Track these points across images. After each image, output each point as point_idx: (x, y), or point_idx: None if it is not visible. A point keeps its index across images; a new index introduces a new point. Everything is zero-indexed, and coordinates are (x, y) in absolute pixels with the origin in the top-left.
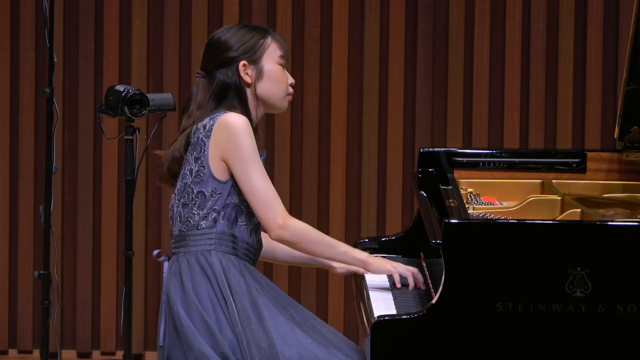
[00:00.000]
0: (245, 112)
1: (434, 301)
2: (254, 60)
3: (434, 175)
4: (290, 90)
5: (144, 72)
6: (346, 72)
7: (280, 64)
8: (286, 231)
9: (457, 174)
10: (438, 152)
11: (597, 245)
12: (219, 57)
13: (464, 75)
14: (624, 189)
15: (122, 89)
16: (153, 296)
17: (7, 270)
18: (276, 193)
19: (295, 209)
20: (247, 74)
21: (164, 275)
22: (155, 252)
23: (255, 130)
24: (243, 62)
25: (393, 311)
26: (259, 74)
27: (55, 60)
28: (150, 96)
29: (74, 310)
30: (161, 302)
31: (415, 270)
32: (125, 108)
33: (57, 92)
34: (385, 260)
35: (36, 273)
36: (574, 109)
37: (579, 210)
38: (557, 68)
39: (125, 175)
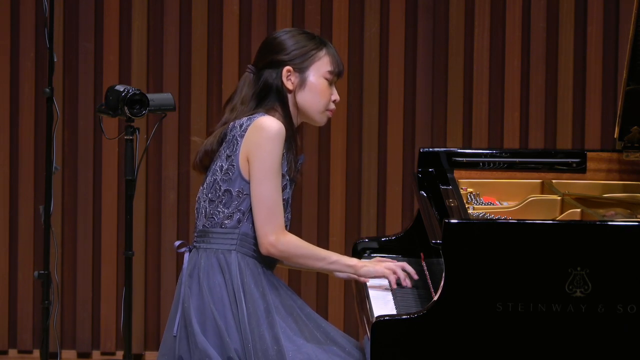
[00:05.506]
0: (286, 115)
1: (434, 301)
2: (301, 68)
3: (434, 175)
4: (332, 106)
5: (144, 72)
6: (346, 72)
7: (327, 79)
8: (275, 249)
9: (457, 174)
10: (438, 152)
11: (597, 245)
12: (269, 57)
13: (464, 75)
14: (624, 189)
15: (122, 89)
16: (153, 296)
17: (7, 270)
18: (281, 209)
19: (295, 210)
20: (290, 80)
21: (183, 267)
22: (177, 243)
23: (295, 134)
24: (288, 67)
25: (393, 311)
26: (302, 83)
27: (55, 60)
28: (150, 96)
29: (74, 310)
30: (177, 290)
31: (403, 264)
32: (125, 108)
33: (57, 92)
34: (375, 262)
35: (36, 273)
36: (574, 109)
37: (579, 210)
38: (557, 68)
39: (125, 175)
